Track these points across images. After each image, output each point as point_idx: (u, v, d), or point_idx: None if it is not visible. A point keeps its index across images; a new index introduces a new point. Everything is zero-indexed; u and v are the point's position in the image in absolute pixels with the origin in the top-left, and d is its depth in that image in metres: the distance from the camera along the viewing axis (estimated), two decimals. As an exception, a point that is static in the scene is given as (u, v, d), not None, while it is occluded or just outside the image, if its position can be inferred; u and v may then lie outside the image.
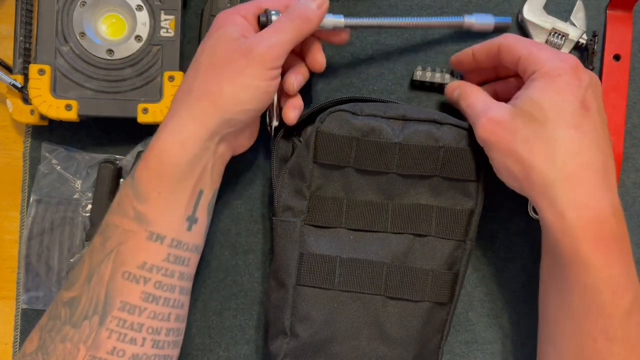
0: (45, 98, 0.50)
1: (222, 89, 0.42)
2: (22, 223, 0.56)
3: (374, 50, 0.55)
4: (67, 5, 0.51)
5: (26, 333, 0.55)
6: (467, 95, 0.48)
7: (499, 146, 0.43)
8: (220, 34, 0.44)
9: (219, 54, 0.43)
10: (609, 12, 0.55)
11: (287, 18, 0.45)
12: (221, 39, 0.44)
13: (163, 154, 0.42)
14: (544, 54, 0.44)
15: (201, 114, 0.43)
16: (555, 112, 0.42)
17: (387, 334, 0.47)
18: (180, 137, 0.42)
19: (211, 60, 0.44)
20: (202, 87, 0.43)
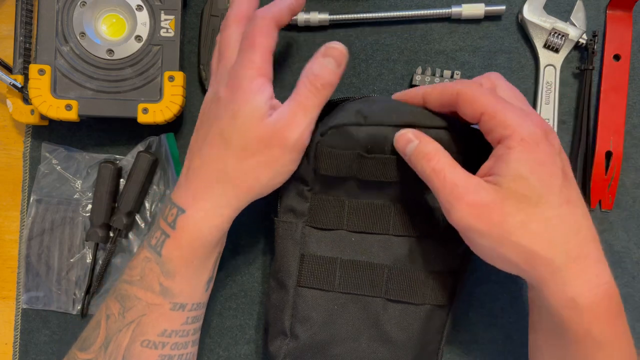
0: (46, 98, 0.50)
1: (259, 178, 0.42)
2: (22, 223, 0.56)
3: (373, 50, 0.55)
4: (67, 5, 0.51)
5: (26, 333, 0.55)
6: (430, 162, 0.40)
7: (490, 234, 0.38)
8: (249, 112, 0.41)
9: (252, 137, 0.41)
10: (609, 12, 0.55)
11: (312, 91, 0.41)
12: (252, 119, 0.41)
13: (198, 237, 0.42)
14: (512, 116, 0.38)
15: (236, 198, 0.42)
16: (545, 188, 0.37)
17: (387, 336, 0.47)
18: (215, 222, 0.42)
19: (244, 144, 0.41)
20: (238, 173, 0.42)
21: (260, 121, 0.41)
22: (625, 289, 0.54)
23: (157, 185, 0.55)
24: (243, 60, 0.42)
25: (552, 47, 0.54)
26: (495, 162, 0.39)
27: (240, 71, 0.42)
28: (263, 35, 0.42)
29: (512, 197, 0.37)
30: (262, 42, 0.42)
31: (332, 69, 0.42)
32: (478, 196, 0.38)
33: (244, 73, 0.41)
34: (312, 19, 0.54)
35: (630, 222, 0.55)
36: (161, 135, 0.55)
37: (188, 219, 0.42)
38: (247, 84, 0.41)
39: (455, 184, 0.39)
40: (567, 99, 0.55)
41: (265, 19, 0.42)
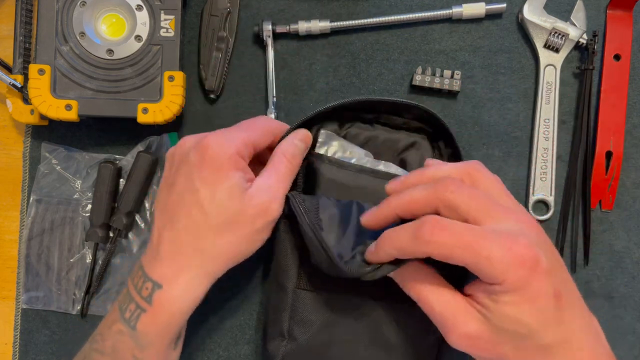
0: (45, 98, 0.50)
1: (240, 251, 0.43)
2: (22, 223, 0.56)
3: (374, 50, 0.55)
4: (67, 5, 0.51)
5: (26, 333, 0.55)
6: (413, 287, 0.40)
7: (485, 355, 0.38)
8: (227, 188, 0.41)
9: (232, 211, 0.41)
10: (609, 12, 0.55)
11: (285, 163, 0.45)
12: (232, 194, 0.41)
13: (177, 312, 0.42)
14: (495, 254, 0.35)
15: (216, 270, 0.43)
16: (538, 322, 0.36)
17: (386, 339, 0.47)
18: (194, 295, 0.42)
19: (225, 219, 0.41)
20: (218, 248, 0.42)
21: (240, 197, 0.42)
22: (626, 289, 0.54)
23: (157, 185, 0.55)
24: (225, 134, 0.44)
25: (552, 46, 0.54)
26: (484, 295, 0.37)
27: (219, 144, 0.42)
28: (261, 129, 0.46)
29: (504, 332, 0.36)
30: (255, 132, 0.45)
31: (300, 147, 0.46)
32: (468, 328, 0.37)
33: (222, 150, 0.42)
34: (313, 27, 0.54)
35: (631, 222, 0.55)
36: (163, 135, 0.55)
37: (165, 295, 0.41)
38: (225, 159, 0.42)
39: (444, 316, 0.38)
40: (568, 98, 0.55)
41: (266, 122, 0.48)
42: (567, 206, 0.54)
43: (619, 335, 0.54)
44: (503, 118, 0.55)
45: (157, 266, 0.42)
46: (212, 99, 0.55)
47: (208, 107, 0.55)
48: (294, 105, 0.55)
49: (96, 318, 0.55)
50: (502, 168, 0.55)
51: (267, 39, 0.54)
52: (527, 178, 0.55)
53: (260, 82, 0.55)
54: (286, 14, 0.55)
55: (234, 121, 0.55)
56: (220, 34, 0.54)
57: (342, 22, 0.54)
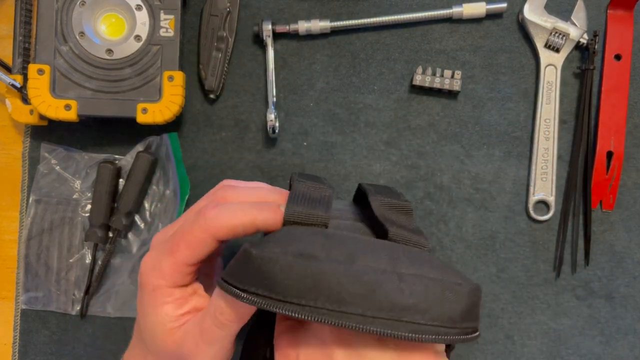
0: (45, 98, 0.50)
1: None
2: (21, 223, 0.56)
3: (374, 50, 0.55)
4: (66, 4, 0.50)
5: (25, 333, 0.55)
6: None
7: None
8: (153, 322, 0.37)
9: (160, 350, 0.37)
10: (609, 12, 0.55)
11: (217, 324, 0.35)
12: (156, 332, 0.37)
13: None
14: None
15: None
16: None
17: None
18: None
19: (154, 350, 0.38)
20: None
21: (165, 337, 0.37)
22: (626, 289, 0.54)
23: (156, 186, 0.55)
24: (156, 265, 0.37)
25: (552, 46, 0.54)
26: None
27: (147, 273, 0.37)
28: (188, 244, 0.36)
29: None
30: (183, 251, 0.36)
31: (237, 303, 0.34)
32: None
33: (149, 280, 0.37)
34: (313, 27, 0.54)
35: (632, 222, 0.55)
36: (163, 135, 0.54)
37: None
38: (150, 292, 0.37)
39: None
40: (568, 98, 0.55)
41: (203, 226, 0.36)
42: (567, 206, 0.54)
43: (620, 335, 0.54)
44: (503, 118, 0.55)
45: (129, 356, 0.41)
46: (212, 99, 0.55)
47: (208, 107, 0.55)
48: (294, 105, 0.55)
49: (95, 318, 0.55)
50: (502, 168, 0.55)
51: (267, 38, 0.54)
52: (527, 178, 0.55)
53: (260, 82, 0.55)
54: (286, 14, 0.55)
55: (234, 121, 0.55)
56: (220, 34, 0.54)
57: (342, 22, 0.54)
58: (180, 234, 0.36)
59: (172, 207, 0.55)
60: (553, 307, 0.54)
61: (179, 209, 0.54)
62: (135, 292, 0.54)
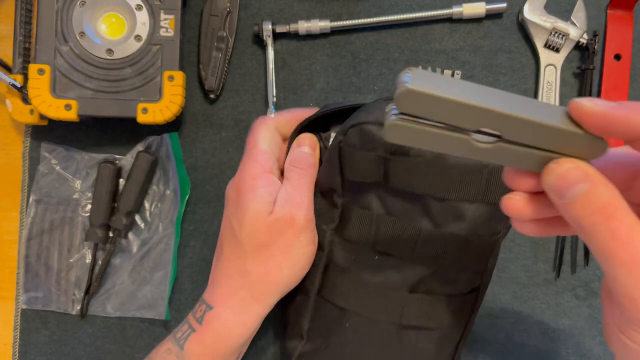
0: (45, 98, 0.50)
1: (280, 269, 0.43)
2: (21, 223, 0.56)
3: (374, 50, 0.55)
4: (66, 4, 0.51)
5: (25, 333, 0.55)
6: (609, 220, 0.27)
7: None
8: (253, 211, 0.42)
9: (262, 233, 0.42)
10: (609, 12, 0.55)
11: (300, 173, 0.45)
12: (258, 218, 0.42)
13: (224, 334, 0.43)
14: None
15: (263, 294, 0.43)
16: None
17: (404, 351, 0.46)
18: (243, 318, 0.43)
19: (256, 241, 0.43)
20: (259, 269, 0.43)
21: (266, 216, 0.42)
22: (626, 289, 0.54)
23: (156, 185, 0.55)
24: (244, 160, 0.45)
25: (552, 46, 0.54)
26: None
27: (243, 171, 0.44)
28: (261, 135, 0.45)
29: None
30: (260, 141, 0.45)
31: (309, 152, 0.46)
32: None
33: (245, 173, 0.44)
34: (313, 27, 0.54)
35: (631, 222, 0.54)
36: (163, 135, 0.54)
37: (215, 316, 0.43)
38: (249, 182, 0.43)
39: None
40: (568, 98, 0.55)
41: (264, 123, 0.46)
42: (567, 206, 0.54)
43: (620, 335, 0.54)
44: (503, 118, 0.55)
45: (211, 292, 0.44)
46: (212, 99, 0.55)
47: (208, 106, 0.55)
48: (293, 105, 0.55)
49: (96, 318, 0.55)
50: (502, 168, 0.55)
51: (267, 38, 0.54)
52: (527, 178, 0.55)
53: (260, 82, 0.55)
54: (286, 14, 0.55)
55: (234, 121, 0.55)
56: (220, 34, 0.54)
57: (342, 22, 0.54)
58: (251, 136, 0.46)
59: (172, 207, 0.55)
60: (553, 307, 0.54)
61: (179, 209, 0.54)
62: (134, 292, 0.54)
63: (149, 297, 0.54)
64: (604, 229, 0.27)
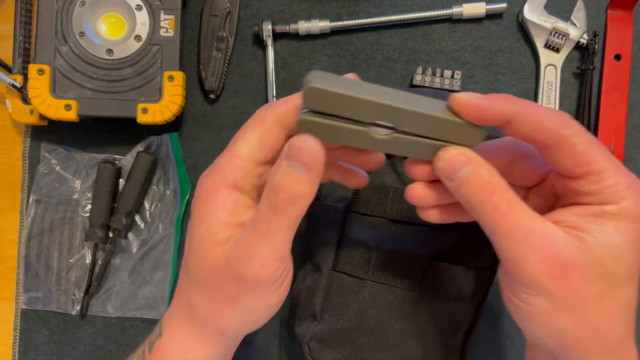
0: (45, 98, 0.50)
1: (223, 316, 0.34)
2: (21, 223, 0.56)
3: (374, 50, 0.55)
4: (66, 5, 0.51)
5: (25, 333, 0.55)
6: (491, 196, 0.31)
7: (561, 299, 0.31)
8: (201, 236, 0.33)
9: (207, 269, 0.33)
10: (609, 12, 0.55)
11: (272, 210, 0.30)
12: (203, 249, 0.33)
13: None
14: (624, 182, 0.31)
15: (210, 336, 0.36)
16: (632, 270, 0.31)
17: (417, 328, 0.46)
18: (190, 356, 0.36)
19: (201, 276, 0.34)
20: (202, 308, 0.35)
21: (213, 249, 0.32)
22: (626, 290, 0.54)
23: (156, 186, 0.55)
24: (213, 164, 0.34)
25: (552, 46, 0.54)
26: (587, 218, 0.31)
27: (204, 176, 0.34)
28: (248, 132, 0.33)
29: (598, 266, 0.30)
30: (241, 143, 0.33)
31: (299, 176, 0.29)
32: (559, 251, 0.30)
33: (205, 180, 0.34)
34: (313, 27, 0.54)
35: (631, 223, 0.54)
36: (163, 135, 0.54)
37: (162, 347, 0.36)
38: (202, 196, 0.33)
39: (530, 230, 0.30)
40: (568, 99, 0.55)
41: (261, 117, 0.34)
42: (567, 206, 0.54)
43: (620, 335, 0.54)
44: (503, 118, 0.55)
45: (168, 310, 0.38)
46: (212, 99, 0.55)
47: (208, 107, 0.55)
48: (294, 105, 0.55)
49: (96, 318, 0.55)
50: (502, 168, 0.55)
51: (267, 38, 0.54)
52: (527, 178, 0.55)
53: (260, 82, 0.55)
54: (286, 14, 0.55)
55: (234, 121, 0.55)
56: (220, 34, 0.54)
57: (342, 22, 0.54)
58: (238, 132, 0.34)
59: (172, 207, 0.55)
60: (553, 307, 0.54)
61: (179, 209, 0.54)
62: (135, 292, 0.54)
63: (149, 297, 0.54)
64: (487, 204, 0.31)
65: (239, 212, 0.33)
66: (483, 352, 0.54)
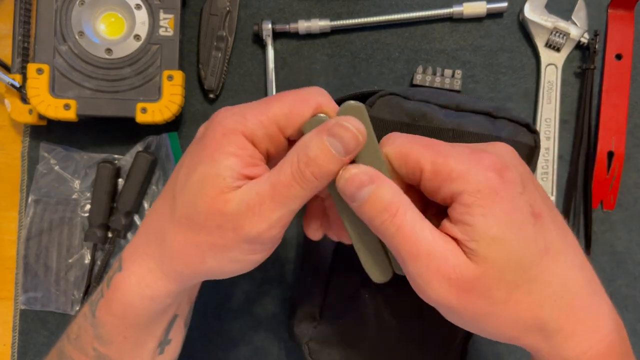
0: (44, 97, 0.50)
1: (203, 259, 0.33)
2: (20, 223, 0.56)
3: (374, 49, 0.55)
4: (65, 4, 0.50)
5: (24, 334, 0.55)
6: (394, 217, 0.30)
7: (474, 313, 0.31)
8: (202, 176, 0.31)
9: (200, 210, 0.31)
10: (610, 11, 0.55)
11: (298, 178, 0.30)
12: (204, 187, 0.31)
13: (128, 306, 0.35)
14: (457, 165, 0.31)
15: (176, 274, 0.34)
16: (521, 244, 0.30)
17: (417, 329, 0.46)
18: (149, 292, 0.35)
19: (190, 214, 0.32)
20: (180, 247, 0.33)
21: (216, 193, 0.31)
22: (627, 290, 0.54)
23: (155, 186, 0.55)
24: (236, 109, 0.33)
25: (553, 46, 0.54)
26: (460, 227, 0.30)
27: (224, 118, 0.32)
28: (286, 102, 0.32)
29: (492, 268, 0.30)
30: (276, 105, 0.32)
31: (336, 156, 0.30)
32: (459, 272, 0.30)
33: (225, 122, 0.32)
34: (313, 26, 0.54)
35: (632, 223, 0.54)
36: (163, 135, 0.54)
37: (121, 280, 0.35)
38: (219, 136, 0.32)
39: (431, 253, 0.30)
40: (569, 98, 0.55)
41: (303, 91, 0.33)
42: (568, 206, 0.54)
43: (621, 336, 0.54)
44: (504, 118, 0.55)
45: (131, 242, 0.36)
46: (212, 99, 0.55)
47: (207, 106, 0.55)
48: (293, 104, 0.55)
49: (95, 319, 0.55)
50: (503, 168, 0.55)
51: (267, 38, 0.54)
52: (528, 178, 0.55)
53: (260, 82, 0.55)
54: (286, 13, 0.55)
55: (234, 121, 0.55)
56: (219, 33, 0.54)
57: (342, 21, 0.54)
58: (279, 95, 0.32)
59: (172, 207, 0.54)
60: (554, 307, 0.54)
61: (178, 209, 0.54)
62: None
63: (148, 297, 0.54)
64: (390, 225, 0.30)
65: (251, 165, 0.32)
66: (483, 352, 0.54)
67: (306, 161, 0.30)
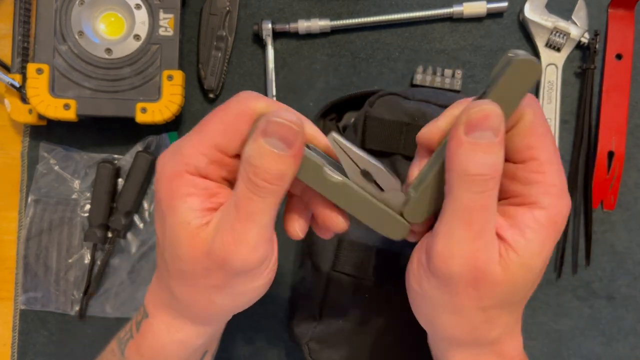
0: (44, 97, 0.50)
1: (212, 301, 0.33)
2: (20, 223, 0.55)
3: (374, 49, 0.55)
4: (65, 4, 0.50)
5: (24, 334, 0.55)
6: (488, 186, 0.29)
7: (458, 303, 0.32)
8: (174, 225, 0.30)
9: (185, 260, 0.31)
10: (610, 11, 0.55)
11: (253, 190, 0.29)
12: (179, 239, 0.30)
13: (159, 348, 0.35)
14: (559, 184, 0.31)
15: (200, 318, 0.35)
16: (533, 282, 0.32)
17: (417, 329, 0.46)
18: (180, 336, 0.35)
19: (179, 267, 0.32)
20: (186, 298, 0.33)
21: (189, 239, 0.30)
22: (627, 290, 0.54)
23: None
24: (172, 148, 0.32)
25: (553, 46, 0.54)
26: (515, 233, 0.30)
27: (162, 163, 0.31)
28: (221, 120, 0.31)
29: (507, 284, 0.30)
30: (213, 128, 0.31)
31: (280, 154, 0.28)
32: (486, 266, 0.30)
33: (165, 168, 0.31)
34: (313, 26, 0.54)
35: (633, 223, 0.54)
36: (163, 135, 0.54)
37: (150, 326, 0.36)
38: (166, 184, 0.31)
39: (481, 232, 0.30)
40: (569, 98, 0.55)
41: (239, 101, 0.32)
42: (568, 206, 0.54)
43: (621, 336, 0.54)
44: (504, 118, 0.55)
45: (151, 295, 0.36)
46: (212, 99, 0.55)
47: (207, 106, 0.55)
48: (293, 105, 0.54)
49: (95, 319, 0.55)
50: (503, 168, 0.55)
51: (267, 38, 0.54)
52: (528, 178, 0.55)
53: (260, 82, 0.55)
54: (286, 13, 0.55)
55: (234, 121, 0.55)
56: (219, 33, 0.54)
57: (342, 21, 0.54)
58: (210, 115, 0.31)
59: (172, 207, 0.54)
60: (554, 307, 0.54)
61: (178, 209, 0.54)
62: (133, 293, 0.54)
63: (148, 297, 0.54)
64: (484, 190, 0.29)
65: (211, 196, 0.31)
66: (484, 353, 0.54)
67: (253, 171, 0.28)
